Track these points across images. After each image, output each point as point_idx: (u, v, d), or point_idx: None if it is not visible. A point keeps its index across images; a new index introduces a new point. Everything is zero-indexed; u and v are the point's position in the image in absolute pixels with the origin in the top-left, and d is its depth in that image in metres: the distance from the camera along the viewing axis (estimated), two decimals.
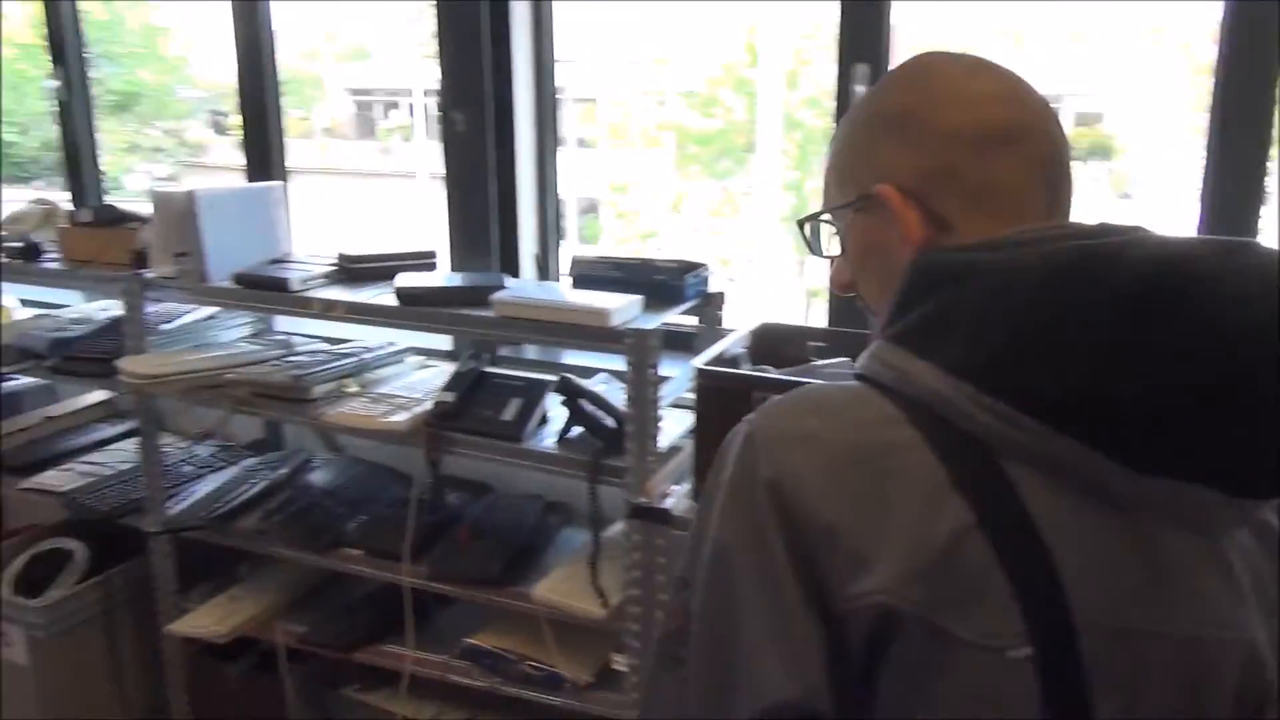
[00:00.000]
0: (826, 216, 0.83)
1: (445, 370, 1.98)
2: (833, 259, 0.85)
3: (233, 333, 2.26)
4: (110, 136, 4.68)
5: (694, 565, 0.70)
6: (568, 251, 2.24)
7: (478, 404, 1.80)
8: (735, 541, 0.66)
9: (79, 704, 2.22)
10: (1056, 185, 0.75)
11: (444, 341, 2.26)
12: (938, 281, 0.68)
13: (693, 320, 1.90)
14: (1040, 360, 0.62)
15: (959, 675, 0.61)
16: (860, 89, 1.82)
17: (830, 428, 0.67)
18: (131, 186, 4.45)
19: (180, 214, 1.94)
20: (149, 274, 2.02)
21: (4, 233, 2.35)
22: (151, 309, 2.08)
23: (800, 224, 0.86)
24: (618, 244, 4.72)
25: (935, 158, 0.73)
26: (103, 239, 2.16)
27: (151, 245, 2.05)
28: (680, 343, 1.91)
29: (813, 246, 0.86)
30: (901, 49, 1.85)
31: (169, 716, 2.26)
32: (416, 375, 2.05)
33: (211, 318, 2.22)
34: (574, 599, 1.70)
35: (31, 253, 2.23)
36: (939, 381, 0.65)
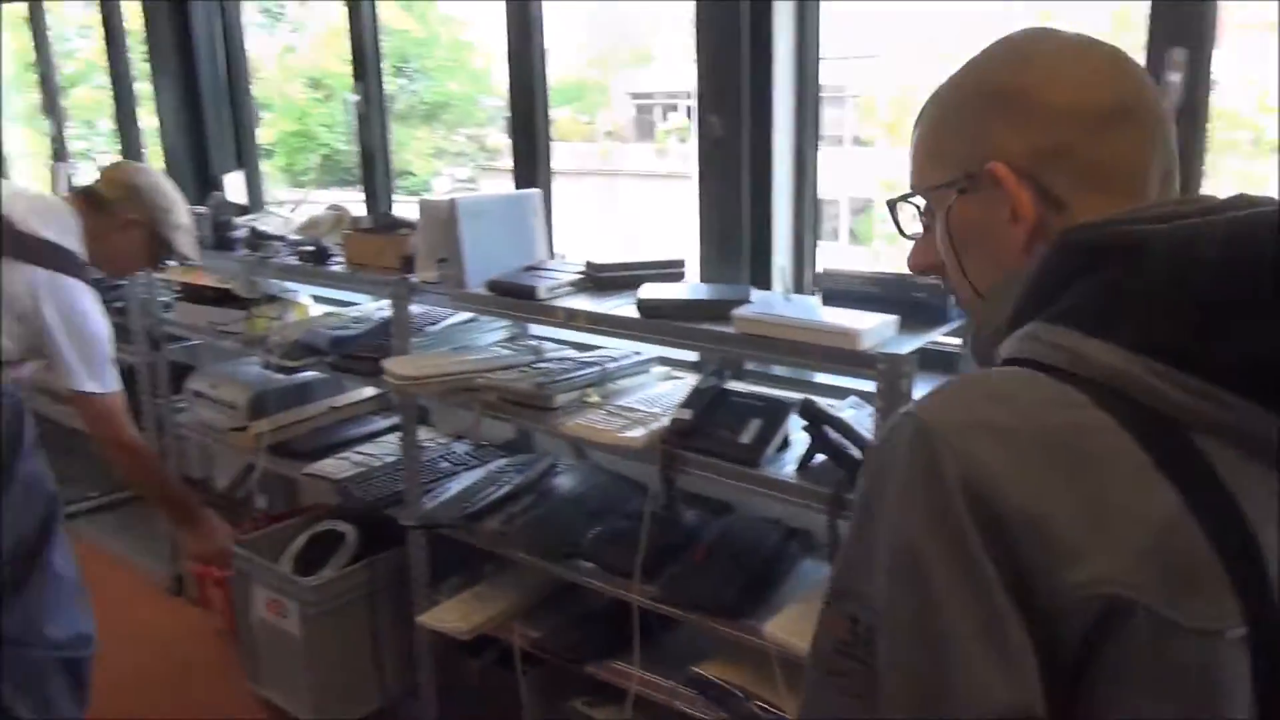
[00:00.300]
0: (918, 198, 0.81)
1: (689, 383, 1.92)
2: (915, 239, 0.84)
3: (491, 336, 2.33)
4: (421, 143, 5.07)
5: (863, 574, 0.66)
6: (834, 253, 2.11)
7: (716, 423, 1.71)
8: (926, 545, 0.61)
9: (341, 677, 2.37)
10: (1166, 161, 0.74)
11: (690, 352, 2.20)
12: (1100, 259, 0.66)
13: (958, 341, 1.72)
14: (1233, 332, 0.61)
15: (1179, 662, 0.59)
16: (1175, 77, 1.56)
17: (1010, 414, 0.63)
18: (438, 189, 4.80)
19: (442, 221, 2.01)
20: (414, 278, 2.11)
21: (300, 236, 2.57)
22: (418, 310, 2.18)
23: (891, 204, 0.83)
24: (888, 245, 4.49)
25: (1049, 136, 0.72)
26: (379, 244, 2.29)
27: (418, 251, 2.14)
28: (942, 365, 1.74)
29: (897, 227, 0.83)
30: (1228, 31, 1.56)
31: (419, 699, 2.37)
32: (659, 387, 2.01)
33: (471, 321, 2.30)
34: (807, 641, 1.58)
35: (320, 256, 2.42)
36: (1120, 359, 0.62)
